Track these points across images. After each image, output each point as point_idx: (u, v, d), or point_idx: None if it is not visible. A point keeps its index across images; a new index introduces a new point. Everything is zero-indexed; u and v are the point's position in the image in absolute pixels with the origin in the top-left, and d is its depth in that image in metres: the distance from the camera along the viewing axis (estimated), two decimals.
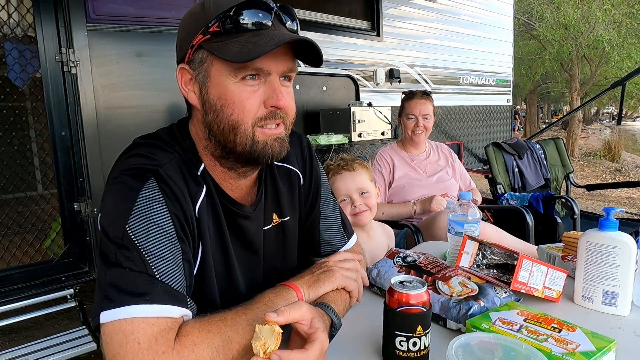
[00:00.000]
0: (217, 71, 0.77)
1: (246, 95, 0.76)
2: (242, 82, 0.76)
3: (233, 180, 0.87)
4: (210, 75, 0.77)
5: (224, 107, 0.77)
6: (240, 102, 0.76)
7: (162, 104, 2.41)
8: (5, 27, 2.16)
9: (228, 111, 0.77)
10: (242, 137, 0.78)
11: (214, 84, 0.78)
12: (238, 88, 0.76)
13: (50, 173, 2.32)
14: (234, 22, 0.74)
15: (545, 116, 28.20)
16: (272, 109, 0.78)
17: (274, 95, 0.77)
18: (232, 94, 0.76)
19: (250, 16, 0.74)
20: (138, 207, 0.70)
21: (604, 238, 0.92)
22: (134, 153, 0.78)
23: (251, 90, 0.77)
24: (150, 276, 0.67)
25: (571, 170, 3.50)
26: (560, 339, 0.74)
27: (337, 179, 1.49)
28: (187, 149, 0.83)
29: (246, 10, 0.74)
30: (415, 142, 2.37)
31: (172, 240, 0.72)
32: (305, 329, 0.71)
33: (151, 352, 0.63)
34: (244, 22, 0.74)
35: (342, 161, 1.53)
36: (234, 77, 0.76)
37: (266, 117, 0.78)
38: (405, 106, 2.36)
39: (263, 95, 0.77)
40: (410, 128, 2.31)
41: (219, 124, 0.78)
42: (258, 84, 0.77)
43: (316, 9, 3.34)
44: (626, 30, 10.86)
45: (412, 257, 1.08)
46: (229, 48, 0.73)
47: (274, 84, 0.77)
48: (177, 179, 0.76)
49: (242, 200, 0.89)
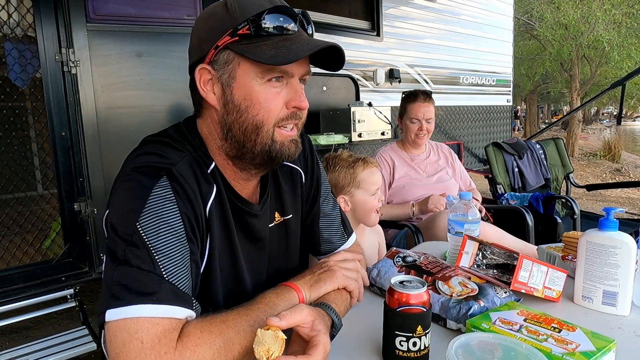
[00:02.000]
0: (244, 72, 0.78)
1: (271, 96, 0.79)
2: (267, 83, 0.78)
3: (243, 180, 0.88)
4: (236, 76, 0.79)
5: (249, 107, 0.79)
6: (266, 102, 0.79)
7: (162, 104, 2.41)
8: (5, 27, 2.16)
9: (254, 112, 0.79)
10: (263, 137, 0.80)
11: (239, 85, 0.79)
12: (264, 89, 0.78)
13: (50, 173, 2.32)
14: (264, 26, 0.76)
15: (545, 116, 28.22)
16: (293, 110, 0.81)
17: (297, 97, 0.80)
18: (258, 95, 0.78)
19: (279, 21, 0.77)
20: (150, 205, 0.70)
21: (604, 238, 0.92)
22: (145, 151, 0.79)
23: (275, 92, 0.79)
24: (158, 276, 0.68)
25: (571, 170, 3.50)
26: (560, 339, 0.74)
27: (372, 171, 1.51)
28: (197, 148, 0.83)
29: (275, 15, 0.77)
30: (417, 144, 2.37)
31: (182, 241, 0.72)
32: (307, 331, 0.71)
33: (154, 352, 0.63)
34: (275, 26, 0.76)
35: (358, 157, 1.54)
36: (261, 79, 0.78)
37: (287, 117, 0.81)
38: (408, 109, 2.32)
39: (286, 96, 0.80)
40: (414, 131, 2.30)
41: (242, 124, 0.80)
42: (281, 86, 0.80)
43: (316, 9, 3.34)
44: (626, 30, 10.86)
45: (412, 257, 1.08)
46: (262, 50, 0.75)
47: (295, 86, 0.81)
48: (189, 178, 0.77)
49: (249, 198, 0.90)
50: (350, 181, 1.47)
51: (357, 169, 1.48)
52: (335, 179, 1.47)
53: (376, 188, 1.51)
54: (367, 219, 1.51)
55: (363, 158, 1.52)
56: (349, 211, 1.49)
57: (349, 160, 1.50)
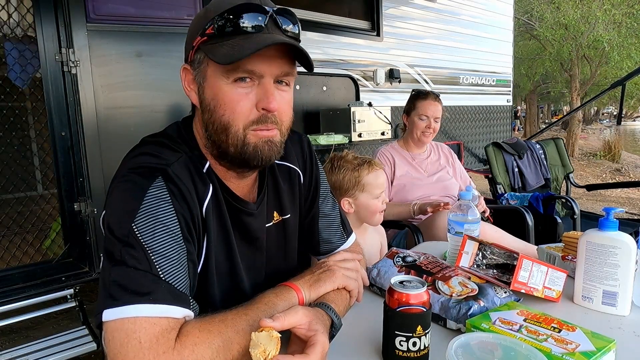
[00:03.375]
0: (212, 72, 0.78)
1: (238, 97, 0.77)
2: (234, 84, 0.77)
3: (235, 179, 0.88)
4: (207, 76, 0.79)
5: (217, 107, 0.78)
6: (232, 103, 0.77)
7: (162, 104, 2.41)
8: (5, 27, 2.16)
9: (220, 112, 0.78)
10: (232, 139, 0.79)
11: (209, 85, 0.79)
12: (230, 90, 0.77)
13: (50, 173, 2.32)
14: (226, 25, 0.75)
15: (545, 116, 28.21)
16: (263, 112, 0.78)
17: (265, 97, 0.77)
18: (225, 95, 0.77)
19: (242, 19, 0.75)
20: (145, 205, 0.70)
21: (604, 238, 0.92)
22: (141, 151, 0.79)
23: (243, 93, 0.77)
24: (154, 276, 0.68)
25: (571, 170, 3.50)
26: (560, 339, 0.74)
27: (377, 174, 1.50)
28: (193, 148, 0.84)
29: (240, 13, 0.75)
30: (421, 143, 2.36)
31: (178, 240, 0.72)
32: (304, 332, 0.71)
33: (152, 351, 0.63)
34: (236, 24, 0.75)
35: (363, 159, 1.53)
36: (227, 79, 0.77)
37: (258, 120, 0.78)
38: (418, 105, 2.31)
39: (255, 97, 0.78)
40: (421, 128, 2.30)
41: (213, 124, 0.80)
42: (251, 87, 0.78)
43: (316, 9, 3.34)
44: (626, 30, 10.86)
45: (412, 257, 1.08)
46: (219, 50, 0.75)
47: (266, 87, 0.77)
48: (185, 178, 0.77)
49: (246, 197, 0.90)
50: (354, 184, 1.46)
51: (362, 172, 1.47)
52: (340, 181, 1.47)
53: (381, 191, 1.50)
54: (370, 220, 1.51)
55: (368, 161, 1.51)
56: (352, 213, 1.49)
57: (354, 162, 1.49)
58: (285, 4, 0.80)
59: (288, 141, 0.99)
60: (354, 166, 1.48)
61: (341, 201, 1.46)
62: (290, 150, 0.99)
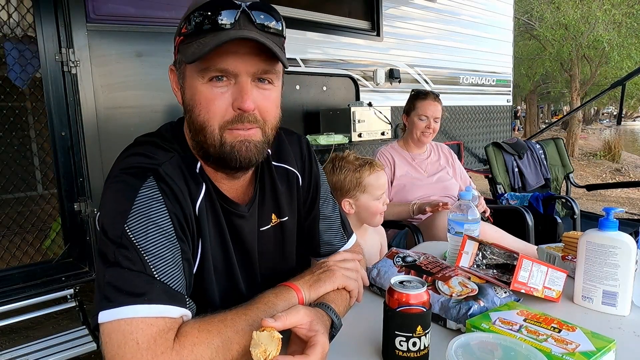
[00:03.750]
0: (189, 72, 0.78)
1: (212, 96, 0.76)
2: (209, 83, 0.76)
3: (225, 180, 0.87)
4: (185, 76, 0.79)
5: (194, 107, 0.78)
6: (206, 103, 0.76)
7: (162, 104, 2.41)
8: (5, 27, 2.16)
9: (196, 112, 0.77)
10: (210, 139, 0.78)
11: (187, 85, 0.79)
12: (206, 89, 0.76)
13: (50, 173, 2.32)
14: (196, 23, 0.73)
15: (545, 116, 28.21)
16: (239, 112, 0.76)
17: (240, 96, 0.75)
18: (200, 95, 0.76)
19: (213, 15, 0.72)
20: (137, 206, 0.70)
21: (604, 238, 0.92)
22: (133, 152, 0.79)
23: (218, 92, 0.76)
24: (149, 276, 0.67)
25: (571, 170, 3.50)
26: (560, 339, 0.74)
27: (378, 175, 1.50)
28: (186, 148, 0.83)
29: (209, 11, 0.72)
30: (421, 143, 2.36)
31: (171, 240, 0.72)
32: (305, 332, 0.71)
33: (150, 352, 0.63)
34: (207, 22, 0.73)
35: (365, 159, 1.53)
36: (202, 78, 0.76)
37: (234, 120, 0.76)
38: (418, 106, 2.31)
39: (231, 97, 0.76)
40: (421, 129, 2.30)
41: (193, 124, 0.79)
42: (227, 86, 0.76)
43: (316, 9, 3.34)
44: (626, 30, 10.86)
45: (412, 257, 1.08)
46: (188, 49, 0.74)
47: (242, 86, 0.75)
48: (176, 177, 0.77)
49: (238, 199, 0.89)
50: (355, 185, 1.46)
51: (364, 173, 1.47)
52: (341, 182, 1.46)
53: (382, 192, 1.50)
54: (371, 221, 1.51)
55: (370, 162, 1.51)
56: (352, 214, 1.48)
57: (356, 163, 1.49)
58: (285, 4, 0.79)
59: (287, 143, 0.99)
60: (355, 167, 1.47)
61: (342, 202, 1.46)
62: (288, 152, 0.98)
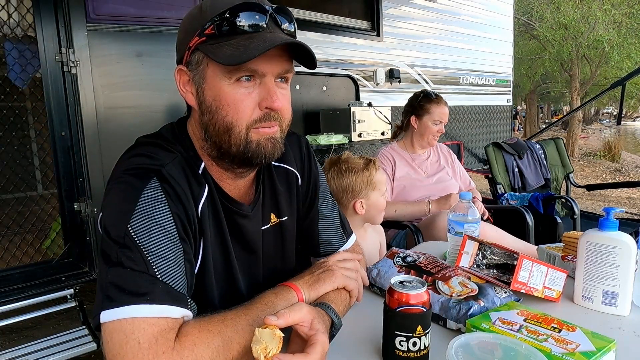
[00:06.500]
0: (213, 73, 0.77)
1: (240, 97, 0.77)
2: (236, 83, 0.76)
3: (231, 180, 0.87)
4: (206, 76, 0.78)
5: (219, 108, 0.78)
6: (235, 103, 0.77)
7: (162, 104, 2.41)
8: (5, 27, 2.16)
9: (223, 112, 0.78)
10: (236, 139, 0.78)
11: (209, 86, 0.78)
12: (232, 90, 0.76)
13: (50, 173, 2.32)
14: (227, 25, 0.74)
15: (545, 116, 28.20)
16: (266, 111, 0.78)
17: (269, 96, 0.77)
18: (227, 96, 0.77)
19: (243, 19, 0.74)
20: (140, 206, 0.70)
21: (604, 238, 0.92)
22: (136, 152, 0.79)
23: (246, 92, 0.77)
24: (151, 276, 0.68)
25: (571, 170, 3.50)
26: (560, 339, 0.74)
27: (382, 171, 1.53)
28: (188, 148, 0.83)
29: (240, 13, 0.74)
30: (430, 145, 2.38)
31: (174, 241, 0.72)
32: (306, 330, 0.71)
33: (151, 352, 0.63)
34: (238, 24, 0.74)
35: (367, 158, 1.55)
36: (229, 79, 0.76)
37: (261, 119, 0.78)
38: (432, 110, 2.30)
39: (258, 96, 0.77)
40: (433, 132, 2.31)
41: (214, 125, 0.79)
42: (253, 86, 0.77)
43: (316, 9, 3.34)
44: (626, 30, 10.87)
45: (412, 257, 1.08)
46: (222, 50, 0.74)
47: (268, 86, 0.77)
48: (179, 178, 0.77)
49: (241, 199, 0.89)
50: (367, 184, 1.48)
51: (372, 171, 1.49)
52: (353, 183, 1.47)
53: (386, 188, 1.54)
54: (377, 218, 1.52)
55: (371, 159, 1.53)
56: (363, 214, 1.49)
57: (361, 163, 1.51)
58: (285, 4, 0.80)
59: (286, 143, 0.99)
60: (362, 167, 1.50)
61: (354, 204, 1.47)
62: (288, 152, 0.99)
